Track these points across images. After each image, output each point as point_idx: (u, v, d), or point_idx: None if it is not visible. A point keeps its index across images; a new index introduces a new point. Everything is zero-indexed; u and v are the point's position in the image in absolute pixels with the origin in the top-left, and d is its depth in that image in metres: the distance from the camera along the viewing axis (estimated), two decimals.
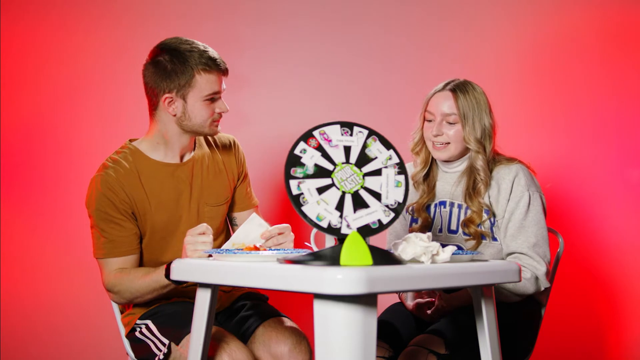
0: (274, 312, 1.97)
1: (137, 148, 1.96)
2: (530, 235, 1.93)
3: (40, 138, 2.89)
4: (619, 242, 2.89)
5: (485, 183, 1.97)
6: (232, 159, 2.10)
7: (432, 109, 2.00)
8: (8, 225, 2.85)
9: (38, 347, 2.84)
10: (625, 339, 2.89)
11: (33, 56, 2.90)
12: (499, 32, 3.01)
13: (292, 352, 1.82)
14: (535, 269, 1.91)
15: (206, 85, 1.88)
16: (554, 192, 2.87)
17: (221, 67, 1.90)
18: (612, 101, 2.93)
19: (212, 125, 1.94)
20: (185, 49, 1.87)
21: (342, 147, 1.45)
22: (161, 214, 1.93)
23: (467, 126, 1.95)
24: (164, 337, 1.82)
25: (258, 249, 1.65)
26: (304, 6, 3.02)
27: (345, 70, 3.02)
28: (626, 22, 2.94)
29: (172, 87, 1.88)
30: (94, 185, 1.88)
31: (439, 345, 1.80)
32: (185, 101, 1.89)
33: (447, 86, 2.00)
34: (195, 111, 1.90)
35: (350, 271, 1.23)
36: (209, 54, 1.89)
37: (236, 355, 1.74)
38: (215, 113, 1.92)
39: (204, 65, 1.86)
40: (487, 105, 2.00)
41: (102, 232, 1.88)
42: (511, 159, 2.02)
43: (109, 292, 1.90)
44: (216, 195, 2.03)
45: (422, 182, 2.08)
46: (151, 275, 1.82)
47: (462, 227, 1.99)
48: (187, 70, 1.86)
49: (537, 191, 1.97)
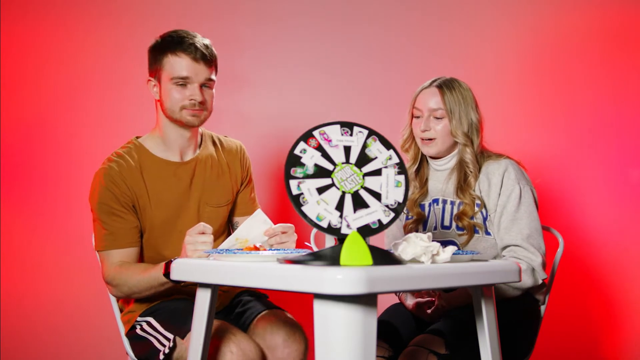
0: (269, 305, 1.99)
1: (142, 144, 1.99)
2: (523, 227, 1.94)
3: (41, 138, 2.89)
4: (619, 242, 2.89)
5: (475, 176, 2.01)
6: (236, 163, 2.10)
7: (420, 105, 2.04)
8: (8, 225, 2.85)
9: (38, 347, 2.84)
10: (623, 339, 2.89)
11: (33, 56, 2.91)
12: (499, 32, 3.01)
13: (286, 342, 1.85)
14: (530, 261, 1.92)
15: (174, 67, 1.90)
16: (553, 192, 2.87)
17: (194, 54, 1.89)
18: (612, 101, 2.93)
19: (184, 112, 1.92)
20: (174, 34, 1.93)
21: (342, 147, 1.45)
22: (160, 211, 1.95)
23: (453, 120, 2.00)
24: (168, 332, 1.83)
25: (258, 249, 1.65)
26: (304, 6, 3.02)
27: (345, 70, 3.02)
28: (626, 22, 2.94)
29: (152, 69, 1.95)
30: (97, 179, 1.91)
31: (439, 345, 1.80)
32: (160, 83, 1.93)
33: (433, 83, 2.05)
34: (166, 93, 1.92)
35: (350, 271, 1.23)
36: (188, 40, 1.90)
37: (243, 345, 1.76)
38: (187, 100, 1.91)
39: (175, 47, 1.90)
40: (473, 101, 2.04)
41: (103, 224, 1.90)
42: (500, 155, 2.06)
43: (108, 284, 1.92)
44: (217, 196, 2.03)
45: (413, 178, 2.12)
46: (150, 272, 1.83)
47: (455, 221, 2.00)
48: (162, 51, 1.91)
49: (527, 184, 2.00)
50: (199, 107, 1.92)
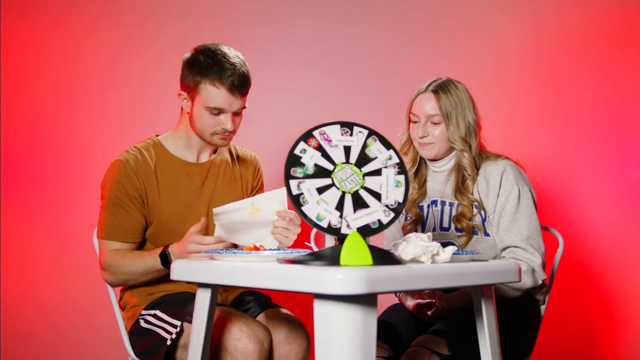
0: (271, 304, 2.02)
1: (160, 142, 2.03)
2: (522, 228, 1.94)
3: (41, 138, 2.89)
4: (618, 242, 2.89)
5: (473, 179, 2.01)
6: (249, 172, 2.15)
7: (416, 111, 2.04)
8: (8, 225, 2.85)
9: (38, 347, 2.84)
10: (623, 339, 2.89)
11: (33, 56, 2.91)
12: (499, 32, 3.01)
13: (288, 339, 1.87)
14: (530, 261, 1.92)
15: (210, 97, 1.91)
16: (554, 192, 2.87)
17: (232, 86, 1.90)
18: (612, 101, 2.93)
19: (214, 137, 1.97)
20: (214, 57, 1.91)
21: (342, 147, 1.45)
22: (169, 207, 1.98)
23: (451, 126, 2.00)
24: (175, 319, 1.85)
25: (258, 249, 1.66)
26: (304, 6, 3.02)
27: (345, 70, 3.02)
28: (626, 22, 2.94)
29: (186, 84, 1.95)
30: (112, 170, 1.96)
31: (441, 345, 1.80)
32: (192, 103, 1.95)
33: (429, 87, 2.04)
34: (198, 116, 1.95)
35: (350, 271, 1.23)
36: (228, 70, 1.90)
37: (253, 326, 1.78)
38: (219, 127, 1.95)
39: (214, 76, 1.90)
40: (469, 101, 2.04)
41: (109, 214, 1.94)
42: (498, 155, 2.06)
43: (104, 270, 1.94)
44: (227, 201, 2.04)
45: (412, 180, 2.13)
46: (145, 258, 1.87)
47: (454, 222, 2.00)
48: (200, 75, 1.91)
49: (526, 185, 2.00)
50: (229, 133, 1.97)
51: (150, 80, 2.90)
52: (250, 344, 1.74)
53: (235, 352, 1.74)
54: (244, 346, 1.74)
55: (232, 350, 1.74)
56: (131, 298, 2.00)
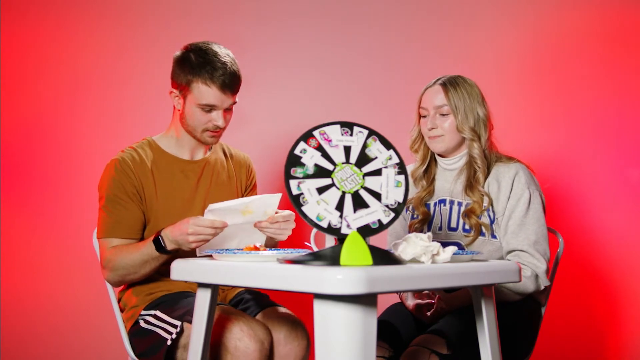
0: (270, 303, 2.02)
1: (155, 141, 2.07)
2: (530, 233, 1.93)
3: (41, 138, 2.89)
4: (618, 242, 2.89)
5: (483, 171, 2.00)
6: (242, 170, 2.18)
7: (425, 104, 2.04)
8: (8, 225, 2.85)
9: (38, 347, 2.84)
10: (624, 339, 2.88)
11: (33, 56, 2.90)
12: (499, 32, 3.01)
13: (287, 339, 1.88)
14: (535, 267, 1.92)
15: (202, 95, 1.95)
16: (554, 192, 2.87)
17: (223, 84, 1.93)
18: (612, 101, 2.93)
19: (205, 134, 2.01)
20: (205, 56, 1.94)
21: (342, 147, 1.45)
22: (165, 204, 1.99)
23: (459, 115, 2.00)
24: (175, 320, 1.85)
25: (258, 249, 1.66)
26: (304, 6, 3.01)
27: (345, 70, 3.02)
28: (626, 22, 2.94)
29: (177, 82, 1.98)
30: (108, 169, 1.98)
31: (441, 345, 1.80)
32: (184, 100, 1.98)
33: (437, 81, 2.05)
34: (190, 113, 1.99)
35: (350, 271, 1.23)
36: (219, 68, 1.93)
37: (253, 325, 1.79)
38: (210, 124, 1.98)
39: (205, 76, 1.93)
40: (479, 96, 2.04)
41: (108, 212, 1.95)
42: (511, 158, 2.05)
43: (104, 269, 1.94)
44: (221, 199, 2.05)
45: (421, 178, 2.11)
46: (140, 248, 1.88)
47: (463, 218, 1.99)
48: (192, 74, 1.94)
49: (537, 190, 1.99)
50: (220, 130, 2.01)
51: (150, 80, 2.89)
52: (251, 343, 1.74)
53: (236, 352, 1.74)
54: (244, 346, 1.74)
55: (233, 350, 1.74)
56: (130, 299, 2.00)
